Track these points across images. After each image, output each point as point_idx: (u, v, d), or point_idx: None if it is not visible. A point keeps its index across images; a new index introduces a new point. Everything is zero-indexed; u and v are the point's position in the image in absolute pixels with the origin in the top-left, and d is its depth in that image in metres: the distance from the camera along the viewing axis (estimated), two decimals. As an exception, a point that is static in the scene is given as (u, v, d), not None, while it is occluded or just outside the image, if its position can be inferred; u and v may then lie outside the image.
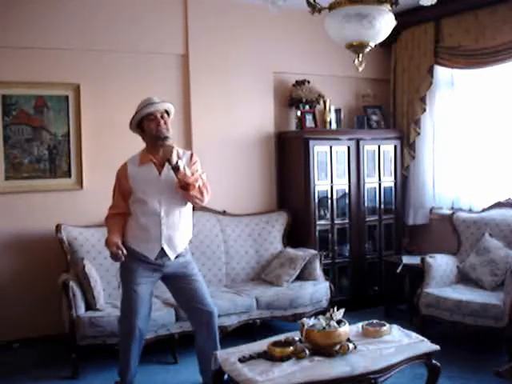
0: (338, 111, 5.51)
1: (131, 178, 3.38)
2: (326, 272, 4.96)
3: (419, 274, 4.52)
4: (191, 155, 3.49)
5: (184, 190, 3.28)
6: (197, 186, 3.29)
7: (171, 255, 3.39)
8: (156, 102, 3.38)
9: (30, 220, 4.45)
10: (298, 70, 5.42)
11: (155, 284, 3.53)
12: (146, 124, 3.37)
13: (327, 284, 4.75)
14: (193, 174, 3.31)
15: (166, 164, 3.32)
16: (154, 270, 3.41)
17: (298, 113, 5.34)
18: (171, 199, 3.36)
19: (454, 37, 5.07)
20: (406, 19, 5.18)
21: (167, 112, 3.43)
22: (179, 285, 3.50)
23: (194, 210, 3.64)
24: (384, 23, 2.88)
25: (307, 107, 5.34)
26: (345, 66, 5.22)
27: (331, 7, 2.95)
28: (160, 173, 3.36)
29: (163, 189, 3.34)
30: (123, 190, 3.42)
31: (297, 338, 3.10)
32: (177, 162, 3.24)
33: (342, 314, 3.16)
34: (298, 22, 5.25)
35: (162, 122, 3.35)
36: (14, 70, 4.36)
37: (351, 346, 3.03)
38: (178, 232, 3.41)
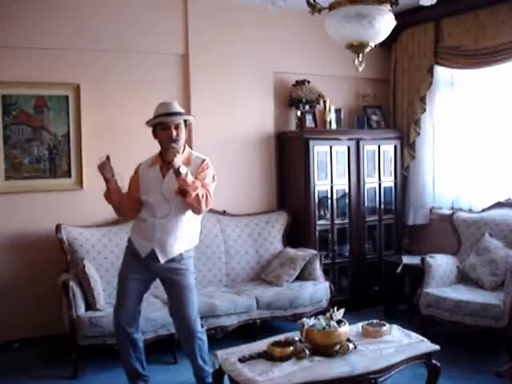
0: (337, 111, 5.51)
1: (140, 177, 3.47)
2: (325, 272, 4.96)
3: (419, 274, 4.52)
4: (202, 161, 3.43)
5: (181, 195, 3.24)
6: (194, 194, 3.20)
7: (161, 258, 3.37)
8: (172, 114, 3.34)
9: (30, 220, 4.45)
10: (298, 70, 5.42)
11: (148, 284, 3.52)
12: (158, 131, 3.38)
13: (327, 284, 4.75)
14: (194, 182, 3.23)
15: (170, 166, 3.30)
16: (145, 269, 3.43)
17: (298, 113, 5.33)
18: (171, 203, 3.33)
19: (453, 37, 5.07)
20: (406, 19, 5.19)
21: (185, 121, 3.43)
22: (168, 290, 3.49)
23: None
24: (384, 23, 2.89)
25: (307, 107, 5.34)
26: (345, 66, 5.22)
27: (331, 7, 2.96)
28: (164, 176, 3.37)
29: (164, 192, 3.34)
30: (132, 187, 3.50)
31: (297, 338, 3.10)
32: (179, 167, 3.20)
33: (341, 314, 3.16)
34: (298, 22, 5.25)
35: (174, 133, 3.32)
36: (14, 70, 4.36)
37: (351, 345, 3.04)
38: (174, 237, 3.37)
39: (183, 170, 3.21)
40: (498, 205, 4.75)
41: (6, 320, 4.36)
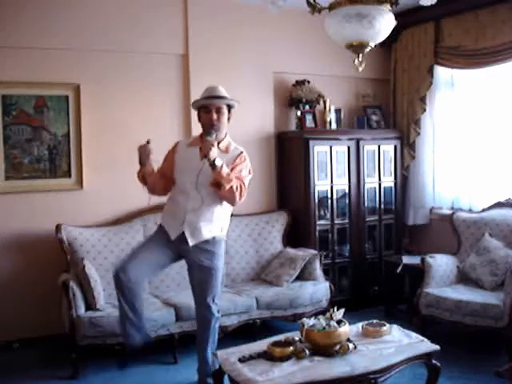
0: (338, 111, 5.51)
1: (177, 154, 3.49)
2: (325, 272, 4.96)
3: (419, 274, 4.52)
4: (240, 153, 3.50)
5: (216, 187, 3.29)
6: (228, 187, 3.25)
7: (190, 241, 3.40)
8: (215, 96, 3.41)
9: (30, 220, 4.45)
10: (298, 70, 5.42)
11: (171, 260, 3.52)
12: (201, 113, 3.45)
13: (327, 284, 4.75)
14: (229, 175, 3.27)
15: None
16: (173, 249, 3.44)
17: (298, 113, 5.33)
18: (205, 188, 3.36)
19: (453, 37, 5.07)
20: (406, 19, 5.19)
21: (229, 106, 3.46)
22: (195, 272, 3.49)
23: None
24: (384, 23, 2.89)
25: (307, 107, 5.34)
26: (345, 66, 5.21)
27: (331, 7, 2.96)
28: (202, 159, 3.36)
29: (200, 175, 3.36)
30: (167, 163, 3.51)
31: (297, 338, 3.10)
32: (214, 160, 3.23)
33: (341, 314, 3.16)
34: (298, 22, 5.25)
35: (215, 116, 3.38)
36: (14, 69, 4.36)
37: (351, 345, 3.04)
38: (205, 221, 3.40)
39: (218, 162, 3.24)
40: (498, 205, 4.75)
41: (6, 320, 4.35)
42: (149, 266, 3.45)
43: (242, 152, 3.51)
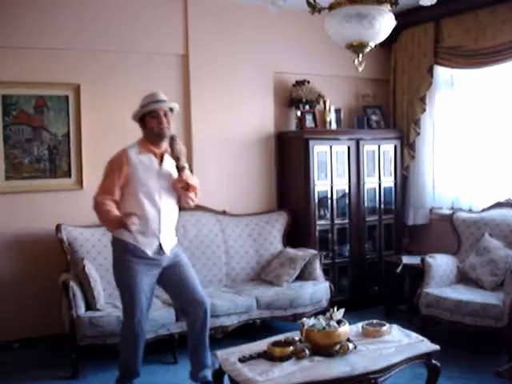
0: (338, 111, 5.51)
1: (132, 165, 3.31)
2: (325, 272, 4.96)
3: (419, 274, 4.52)
4: None
5: (184, 190, 3.33)
6: (197, 188, 3.40)
7: (167, 250, 3.41)
8: (160, 101, 3.39)
9: (30, 220, 4.45)
10: (297, 70, 5.42)
11: (155, 277, 3.48)
12: (148, 120, 3.39)
13: (327, 284, 4.75)
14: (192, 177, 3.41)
15: (165, 157, 3.37)
16: (151, 266, 3.38)
17: (298, 113, 5.34)
18: (169, 193, 3.39)
19: (453, 37, 5.07)
20: (406, 19, 5.18)
21: (171, 109, 3.46)
22: (172, 274, 3.48)
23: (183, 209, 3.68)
24: (384, 23, 2.89)
25: (307, 107, 5.34)
26: (345, 65, 5.22)
27: (331, 7, 2.96)
28: (160, 165, 3.38)
29: (163, 181, 3.36)
30: (121, 178, 3.30)
31: (297, 338, 3.10)
32: (183, 163, 3.32)
33: (341, 314, 3.16)
34: (298, 22, 5.25)
35: (164, 120, 3.36)
36: (14, 69, 4.36)
37: (351, 346, 3.04)
38: (172, 227, 3.49)
39: (186, 165, 3.34)
40: (498, 205, 4.75)
41: (6, 320, 4.36)
42: (149, 302, 3.47)
43: None
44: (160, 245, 3.37)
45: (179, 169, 3.33)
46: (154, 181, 3.34)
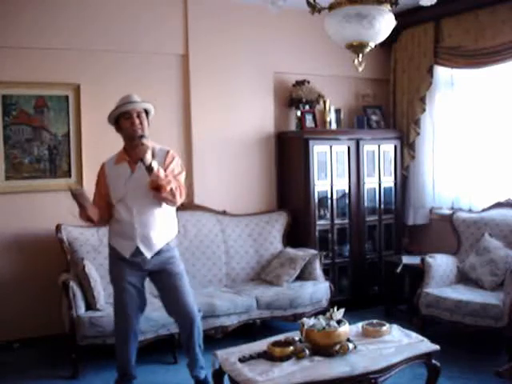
0: (337, 111, 5.51)
1: (108, 177, 3.43)
2: (326, 272, 4.96)
3: (419, 274, 4.52)
4: (167, 153, 3.44)
5: (156, 191, 3.27)
6: (168, 188, 3.25)
7: (147, 254, 3.39)
8: (133, 102, 3.37)
9: (30, 220, 4.45)
10: (297, 70, 5.42)
11: (144, 279, 3.51)
12: (122, 122, 3.37)
13: (327, 284, 4.75)
14: (167, 176, 3.27)
15: (140, 163, 3.31)
16: (133, 267, 3.41)
17: (298, 113, 5.34)
18: (144, 198, 3.35)
19: (453, 37, 5.07)
20: (406, 19, 5.19)
21: (146, 111, 3.43)
22: (162, 283, 3.50)
23: (178, 209, 3.64)
24: (384, 23, 2.89)
25: (307, 107, 5.34)
26: (345, 65, 5.21)
27: (331, 7, 2.96)
28: (133, 171, 3.37)
29: (136, 187, 3.34)
30: (101, 189, 3.45)
31: (297, 338, 3.11)
32: (150, 163, 3.22)
33: (341, 314, 3.16)
34: (298, 22, 5.25)
35: (137, 121, 3.34)
36: (14, 70, 4.36)
37: (351, 345, 3.04)
38: (154, 230, 3.40)
39: (155, 165, 3.24)
40: (498, 205, 4.75)
41: (6, 320, 4.36)
42: (137, 303, 3.47)
43: (168, 151, 3.47)
44: (137, 248, 3.37)
45: (147, 169, 3.24)
46: (126, 188, 3.35)
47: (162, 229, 3.44)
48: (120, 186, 3.37)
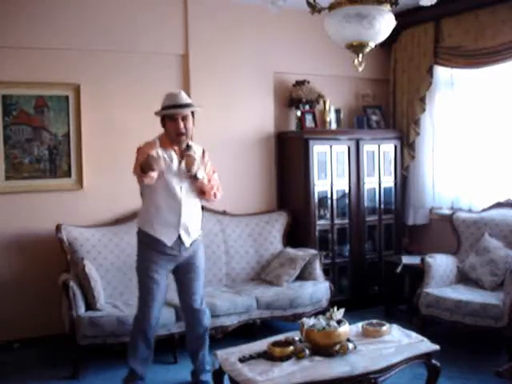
0: (337, 111, 5.51)
1: (162, 155, 3.39)
2: (325, 272, 4.96)
3: (419, 274, 4.52)
4: (203, 152, 3.60)
5: (200, 194, 3.48)
6: (212, 193, 3.49)
7: (187, 242, 3.46)
8: (178, 105, 3.39)
9: (30, 220, 4.45)
10: (297, 70, 5.42)
11: (169, 273, 3.57)
12: (166, 121, 3.43)
13: (327, 284, 4.75)
14: (209, 181, 3.48)
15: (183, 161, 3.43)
16: (168, 260, 3.46)
17: (298, 113, 5.34)
18: (189, 188, 3.46)
19: (453, 37, 5.07)
20: (406, 19, 5.19)
21: (192, 112, 3.49)
22: (185, 274, 3.56)
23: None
24: (384, 23, 2.89)
25: (307, 107, 5.34)
26: (345, 65, 5.21)
27: (331, 7, 2.96)
28: (180, 162, 3.44)
29: (183, 177, 3.43)
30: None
31: (297, 338, 3.11)
32: (196, 174, 3.38)
33: (341, 313, 3.17)
34: (298, 22, 5.25)
35: (181, 125, 3.38)
36: (14, 70, 4.36)
37: (351, 345, 3.04)
38: (193, 220, 3.50)
39: (200, 175, 3.40)
40: (498, 205, 4.75)
41: (6, 320, 4.35)
42: (163, 300, 3.56)
43: (204, 150, 3.62)
44: (179, 236, 3.42)
45: (193, 178, 3.40)
46: (175, 176, 3.40)
47: (197, 220, 3.56)
48: (170, 173, 3.40)
